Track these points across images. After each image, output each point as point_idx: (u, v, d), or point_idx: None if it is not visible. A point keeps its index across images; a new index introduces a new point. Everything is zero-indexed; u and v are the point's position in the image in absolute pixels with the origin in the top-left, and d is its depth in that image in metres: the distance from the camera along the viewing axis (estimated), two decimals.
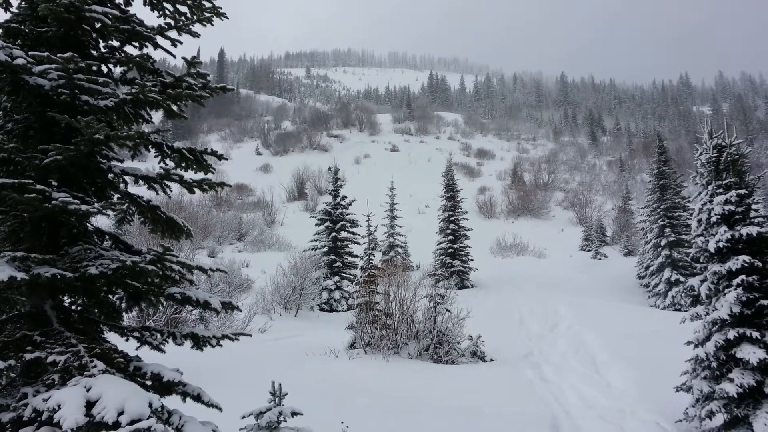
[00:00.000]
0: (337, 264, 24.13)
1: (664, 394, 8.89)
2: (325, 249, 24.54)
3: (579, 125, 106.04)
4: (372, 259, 20.18)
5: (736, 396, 7.07)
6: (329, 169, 32.87)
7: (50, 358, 3.97)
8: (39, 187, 4.03)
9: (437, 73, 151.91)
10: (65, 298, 4.79)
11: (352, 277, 23.75)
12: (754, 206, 7.81)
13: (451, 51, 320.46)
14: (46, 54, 4.30)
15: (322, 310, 22.66)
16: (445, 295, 14.09)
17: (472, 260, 29.19)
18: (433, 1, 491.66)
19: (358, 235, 24.90)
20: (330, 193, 26.01)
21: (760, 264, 7.43)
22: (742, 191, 7.81)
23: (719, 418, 7.54)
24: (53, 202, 3.97)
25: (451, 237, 29.23)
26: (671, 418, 8.47)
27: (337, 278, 23.73)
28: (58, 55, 4.29)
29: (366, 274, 15.54)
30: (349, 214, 25.21)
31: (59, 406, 3.53)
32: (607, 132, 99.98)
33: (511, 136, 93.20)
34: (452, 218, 29.70)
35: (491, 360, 13.50)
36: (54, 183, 4.55)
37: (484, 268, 29.90)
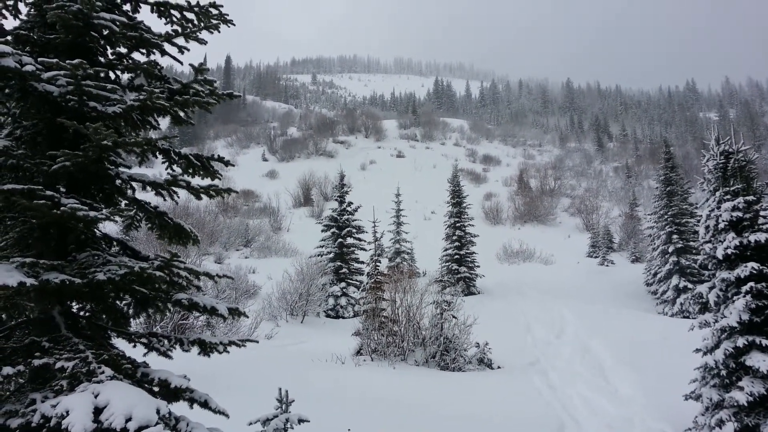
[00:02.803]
0: (344, 270, 24.11)
1: (672, 402, 8.82)
2: (331, 255, 24.53)
3: (585, 131, 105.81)
4: (378, 266, 20.14)
5: (746, 405, 7.01)
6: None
7: (58, 364, 3.97)
8: (48, 193, 4.05)
9: (443, 79, 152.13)
10: (73, 304, 4.79)
11: (358, 283, 23.71)
12: (762, 213, 7.76)
13: (456, 57, 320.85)
14: (54, 61, 4.32)
15: (328, 316, 22.62)
16: (451, 301, 14.06)
17: (478, 267, 29.10)
18: (439, 8, 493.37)
19: (364, 241, 24.90)
20: (336, 199, 26.03)
21: None
22: (750, 198, 7.77)
23: (729, 427, 7.46)
24: (62, 208, 3.98)
25: (457, 243, 29.16)
26: (680, 426, 8.40)
27: (343, 284, 23.70)
28: (67, 61, 4.31)
29: (372, 280, 15.53)
30: (355, 220, 25.21)
31: (67, 412, 3.53)
32: (613, 138, 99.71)
33: (516, 142, 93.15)
34: (458, 224, 29.63)
35: (498, 367, 13.44)
36: (62, 189, 4.57)
37: (490, 275, 29.80)
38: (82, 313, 4.89)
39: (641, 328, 17.92)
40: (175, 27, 5.34)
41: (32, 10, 4.91)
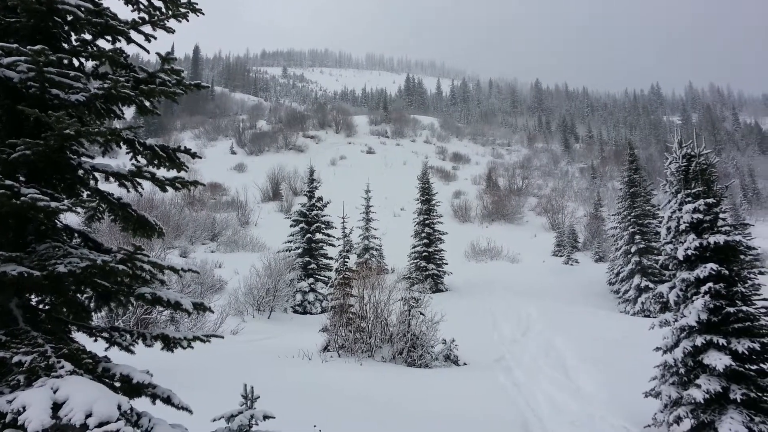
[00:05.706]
0: (312, 266, 24.03)
1: (633, 399, 9.02)
2: (299, 250, 24.42)
3: (553, 132, 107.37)
4: (347, 262, 20.10)
5: (702, 402, 7.21)
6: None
7: (16, 359, 3.86)
8: (7, 182, 3.92)
9: (414, 76, 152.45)
10: (32, 296, 4.66)
11: (326, 279, 23.67)
12: (721, 215, 7.98)
13: (428, 54, 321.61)
14: (15, 46, 4.19)
15: (295, 312, 22.51)
16: (419, 298, 14.11)
17: (446, 264, 29.32)
18: (411, 5, 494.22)
19: (333, 237, 24.85)
20: (305, 194, 25.91)
21: (726, 272, 7.58)
22: (710, 200, 7.98)
23: (686, 424, 7.67)
24: (22, 198, 3.86)
25: (426, 240, 29.31)
26: (640, 423, 8.59)
27: (311, 280, 23.62)
28: (28, 47, 4.17)
29: (340, 276, 15.48)
30: (325, 215, 25.14)
31: (24, 408, 3.43)
32: (579, 139, 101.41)
33: (486, 141, 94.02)
34: (427, 222, 29.80)
35: (464, 364, 13.55)
36: (22, 178, 4.43)
37: (458, 272, 30.05)
38: (41, 306, 4.76)
39: (604, 327, 18.29)
40: (142, 14, 5.22)
41: None
